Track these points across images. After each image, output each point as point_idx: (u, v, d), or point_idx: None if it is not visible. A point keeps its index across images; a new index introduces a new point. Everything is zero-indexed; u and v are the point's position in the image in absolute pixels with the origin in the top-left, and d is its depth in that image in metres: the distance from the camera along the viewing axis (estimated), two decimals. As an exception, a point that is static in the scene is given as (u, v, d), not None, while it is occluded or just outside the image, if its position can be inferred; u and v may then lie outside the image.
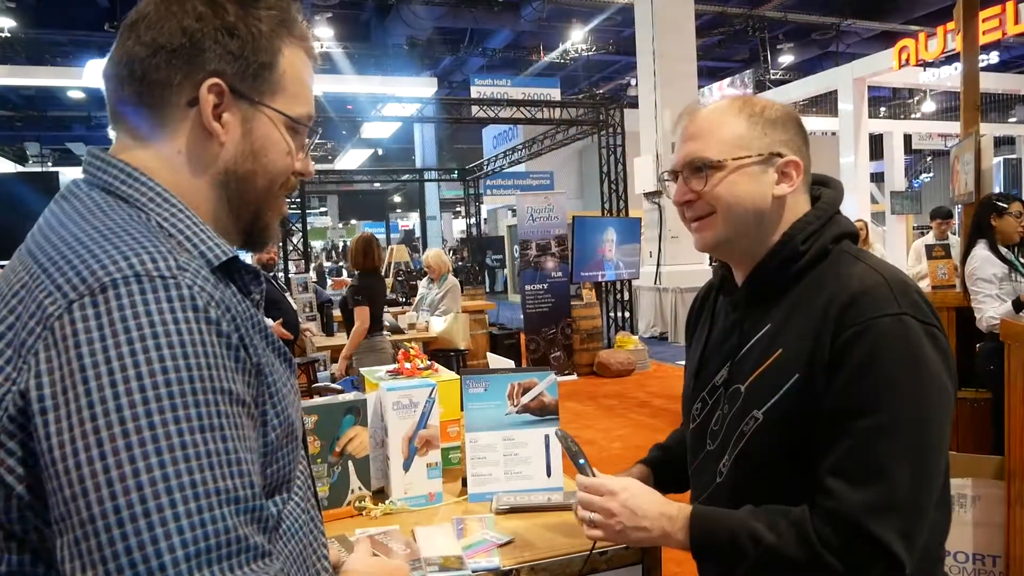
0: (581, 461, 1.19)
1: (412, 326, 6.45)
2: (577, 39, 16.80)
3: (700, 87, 14.09)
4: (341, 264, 28.44)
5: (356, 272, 5.26)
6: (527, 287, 8.57)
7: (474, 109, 11.01)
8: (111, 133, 0.80)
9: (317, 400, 1.72)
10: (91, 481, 0.57)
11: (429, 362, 2.28)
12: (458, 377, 2.02)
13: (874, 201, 18.18)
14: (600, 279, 9.22)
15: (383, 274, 6.37)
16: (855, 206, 13.55)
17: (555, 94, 14.47)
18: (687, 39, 11.10)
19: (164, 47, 0.75)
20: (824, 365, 0.99)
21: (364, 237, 5.29)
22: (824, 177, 1.19)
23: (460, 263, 17.72)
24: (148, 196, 0.74)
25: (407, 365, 2.21)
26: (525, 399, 1.84)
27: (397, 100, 11.74)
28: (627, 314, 10.18)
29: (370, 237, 5.31)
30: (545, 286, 8.53)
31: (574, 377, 8.54)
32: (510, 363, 2.16)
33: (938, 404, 0.97)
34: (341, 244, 35.61)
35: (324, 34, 15.85)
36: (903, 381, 0.96)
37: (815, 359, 1.00)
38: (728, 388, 1.14)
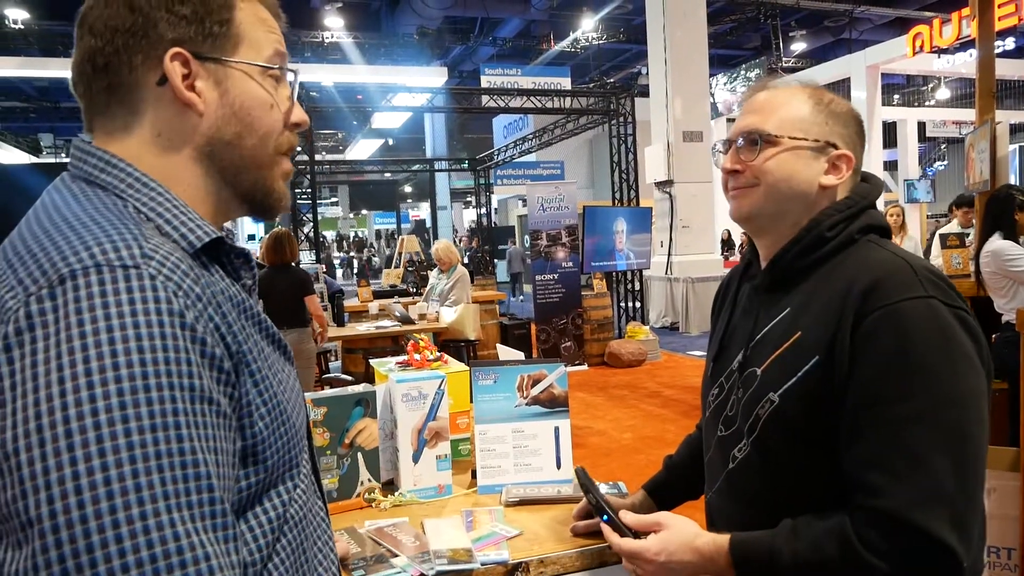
0: (604, 517, 1.16)
1: (423, 316, 6.46)
2: (588, 28, 16.70)
3: (711, 75, 13.99)
4: (352, 255, 28.52)
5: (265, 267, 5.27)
6: (537, 277, 8.56)
7: (484, 99, 10.97)
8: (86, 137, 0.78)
9: (327, 392, 1.72)
10: (30, 483, 0.54)
11: (439, 353, 2.28)
12: (468, 369, 2.01)
13: (887, 190, 18.02)
14: (611, 269, 9.19)
15: (393, 265, 6.39)
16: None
17: (566, 83, 14.38)
18: (698, 27, 10.99)
19: (118, 30, 0.73)
20: (846, 349, 0.96)
21: (274, 233, 5.36)
22: (864, 173, 1.18)
23: (469, 252, 17.71)
24: (127, 183, 0.73)
25: (416, 356, 2.21)
26: (535, 391, 1.83)
27: (407, 90, 11.73)
28: (638, 304, 10.15)
29: (280, 233, 5.34)
30: (555, 276, 8.52)
31: (585, 367, 8.53)
32: (520, 355, 2.15)
33: (975, 389, 0.94)
34: (352, 235, 35.75)
35: (334, 24, 15.83)
36: (936, 365, 0.92)
37: (836, 343, 0.98)
38: (743, 372, 1.12)
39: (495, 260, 17.17)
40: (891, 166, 18.96)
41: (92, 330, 0.57)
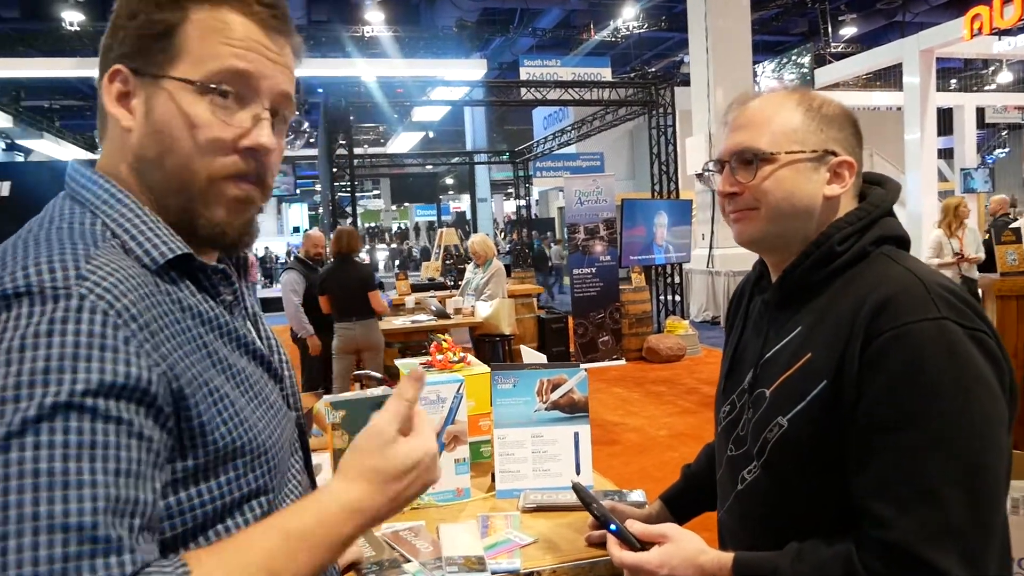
0: (613, 527, 1.10)
1: (458, 311, 6.48)
2: (628, 16, 16.49)
3: (756, 63, 13.70)
4: (393, 246, 28.80)
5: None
6: (575, 271, 8.51)
7: (522, 91, 10.92)
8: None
9: (344, 395, 1.73)
10: None
11: (462, 355, 2.27)
12: (488, 371, 2.00)
13: (943, 179, 17.43)
14: (649, 263, 9.09)
15: (432, 258, 6.55)
16: (920, 185, 13.00)
17: (606, 73, 14.23)
18: (741, 13, 10.76)
19: (103, 49, 0.77)
20: (854, 373, 0.92)
21: (336, 230, 5.95)
22: (879, 176, 1.12)
23: (510, 245, 17.72)
24: (102, 198, 0.74)
25: (439, 357, 2.21)
26: (554, 396, 1.81)
27: (445, 84, 11.73)
28: (678, 298, 10.02)
29: (340, 229, 5.84)
30: (593, 270, 8.46)
31: (622, 362, 8.47)
32: (542, 357, 2.13)
33: (991, 415, 0.89)
34: (394, 227, 36.09)
35: (375, 18, 15.95)
36: (948, 390, 0.87)
37: (844, 366, 0.94)
38: (753, 391, 1.09)
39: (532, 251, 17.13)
40: (946, 154, 18.32)
41: (5, 348, 0.58)
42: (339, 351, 5.47)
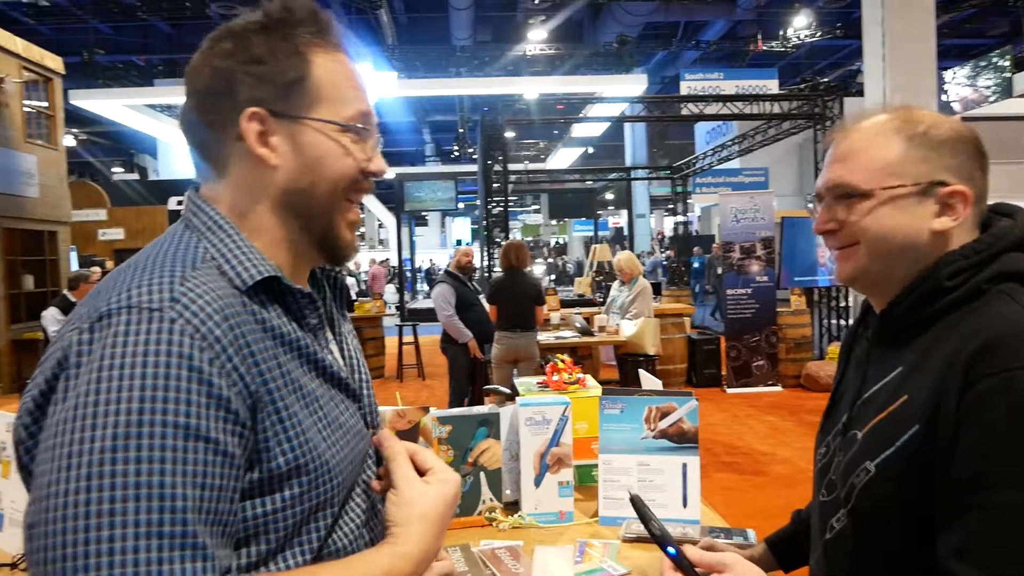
0: (671, 551, 1.03)
1: (602, 328, 6.44)
2: (800, 24, 15.67)
3: (944, 68, 12.54)
4: (550, 261, 29.14)
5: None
6: (728, 291, 8.19)
7: (682, 106, 10.70)
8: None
9: (451, 411, 1.78)
10: (35, 492, 0.64)
11: (579, 376, 2.27)
12: (598, 394, 1.98)
13: None
14: (812, 285, 8.56)
15: (585, 274, 6.69)
16: None
17: (772, 85, 13.57)
18: (924, 16, 9.86)
19: (204, 92, 0.82)
20: (950, 420, 0.84)
21: (505, 243, 6.24)
22: (1011, 208, 1.00)
23: (666, 262, 17.35)
24: (207, 225, 0.81)
25: (555, 378, 2.22)
26: (663, 424, 1.77)
27: (601, 101, 11.74)
28: (843, 323, 9.34)
29: (507, 243, 6.12)
30: (749, 291, 8.10)
31: (778, 388, 8.02)
32: (658, 383, 2.08)
33: None
34: (553, 241, 36.51)
35: (537, 36, 16.29)
36: None
37: (939, 412, 0.85)
38: (846, 433, 1.02)
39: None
40: None
41: (108, 364, 0.66)
42: (499, 360, 5.65)
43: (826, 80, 17.36)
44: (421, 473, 0.85)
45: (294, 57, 0.81)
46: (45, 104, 11.01)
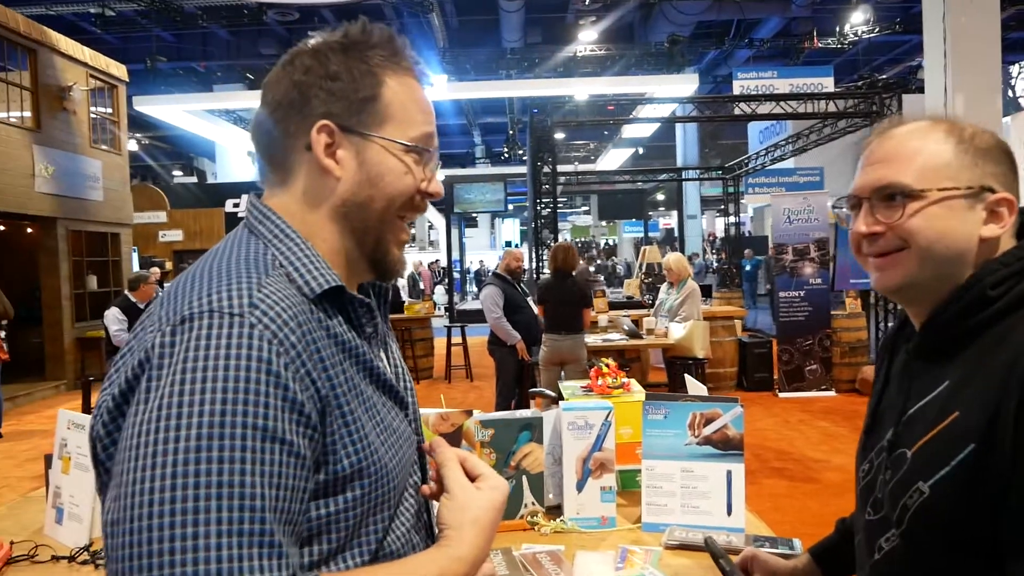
0: None
1: (650, 331, 6.39)
2: (857, 21, 15.26)
3: (1010, 63, 12.07)
4: (599, 262, 29.01)
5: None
6: (781, 293, 8.04)
7: (734, 105, 10.53)
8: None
9: (494, 415, 1.79)
10: (117, 489, 0.66)
11: (624, 381, 2.26)
12: (642, 399, 1.97)
13: None
14: (868, 287, 8.32)
15: (635, 275, 6.62)
16: None
17: (828, 83, 13.24)
18: (989, 10, 9.50)
19: (280, 103, 0.85)
20: (1009, 437, 0.80)
21: (555, 245, 6.13)
22: None
23: (717, 263, 17.09)
24: (273, 232, 0.85)
25: (599, 382, 2.22)
26: (707, 431, 1.75)
27: (652, 101, 11.63)
28: (902, 327, 9.05)
29: (557, 245, 6.03)
30: (802, 293, 7.93)
31: (832, 393, 7.83)
32: (703, 389, 2.05)
33: None
34: (602, 242, 36.35)
35: (588, 37, 16.24)
36: None
37: (997, 429, 0.82)
38: (892, 452, 0.98)
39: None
40: None
41: (191, 367, 0.68)
42: (545, 363, 5.67)
43: (884, 77, 16.87)
44: (471, 479, 0.87)
45: (368, 77, 0.85)
46: (110, 110, 11.43)
